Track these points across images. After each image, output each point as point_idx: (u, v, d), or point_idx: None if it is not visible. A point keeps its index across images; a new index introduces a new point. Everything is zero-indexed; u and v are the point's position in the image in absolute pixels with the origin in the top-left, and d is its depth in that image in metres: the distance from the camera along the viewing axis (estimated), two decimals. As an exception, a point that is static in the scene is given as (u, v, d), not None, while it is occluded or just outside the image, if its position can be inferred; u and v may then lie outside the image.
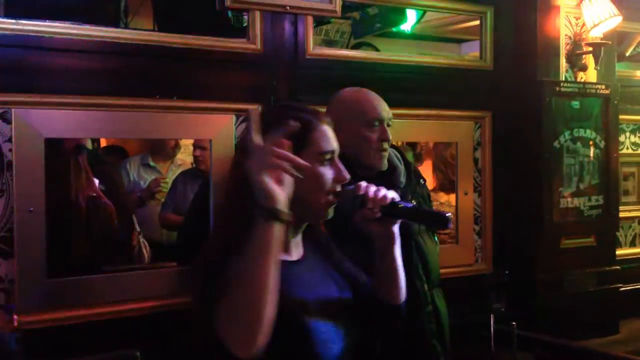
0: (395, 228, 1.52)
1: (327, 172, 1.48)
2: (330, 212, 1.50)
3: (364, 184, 1.50)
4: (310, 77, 2.67)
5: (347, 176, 1.50)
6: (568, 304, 3.14)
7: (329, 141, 1.50)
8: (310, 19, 2.67)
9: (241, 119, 2.54)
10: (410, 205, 1.51)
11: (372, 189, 1.49)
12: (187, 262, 2.59)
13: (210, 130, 2.49)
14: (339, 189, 1.49)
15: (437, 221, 1.51)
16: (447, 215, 1.45)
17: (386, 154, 2.20)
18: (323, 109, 2.31)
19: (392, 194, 1.50)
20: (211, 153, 2.51)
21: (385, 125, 2.19)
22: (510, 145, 3.17)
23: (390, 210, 1.49)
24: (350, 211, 1.50)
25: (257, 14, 2.56)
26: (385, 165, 2.20)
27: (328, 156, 1.49)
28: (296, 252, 1.54)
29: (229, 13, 2.95)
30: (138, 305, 2.32)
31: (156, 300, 2.35)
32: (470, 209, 3.14)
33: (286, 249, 1.50)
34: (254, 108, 2.51)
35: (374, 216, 1.48)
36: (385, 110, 2.21)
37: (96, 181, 2.80)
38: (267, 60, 2.58)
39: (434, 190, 3.50)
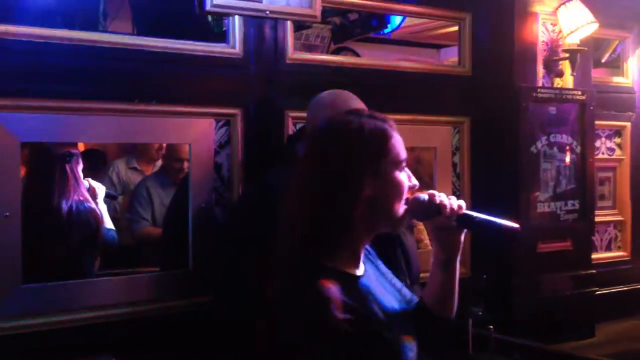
0: (462, 237, 1.52)
1: (405, 180, 1.47)
2: (406, 221, 1.50)
3: (437, 192, 1.49)
4: (291, 81, 2.67)
5: (416, 182, 1.50)
6: (544, 308, 3.16)
7: (404, 147, 1.48)
8: (290, 24, 2.68)
9: (221, 122, 2.54)
10: (483, 216, 1.50)
11: (448, 198, 1.48)
12: (167, 267, 2.58)
13: (190, 135, 2.48)
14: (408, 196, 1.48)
15: (508, 233, 1.51)
16: (517, 227, 1.47)
17: None
18: (304, 114, 2.33)
19: (462, 203, 1.49)
20: (190, 157, 2.50)
21: None
22: (488, 150, 3.19)
23: (465, 220, 1.49)
24: (423, 219, 1.52)
25: (237, 19, 2.56)
26: None
27: (404, 163, 1.47)
28: (360, 266, 1.51)
29: (209, 17, 2.95)
30: (115, 311, 2.30)
31: (135, 305, 2.34)
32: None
33: (353, 263, 1.48)
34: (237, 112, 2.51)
35: (450, 225, 1.48)
36: (360, 108, 2.24)
37: (86, 185, 2.79)
38: (247, 64, 2.58)
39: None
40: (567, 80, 3.24)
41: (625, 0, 3.60)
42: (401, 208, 1.46)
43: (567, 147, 3.25)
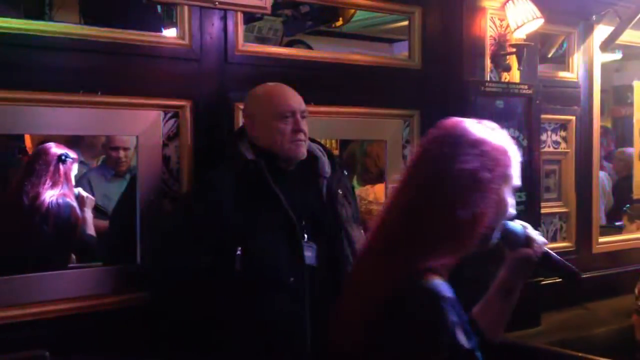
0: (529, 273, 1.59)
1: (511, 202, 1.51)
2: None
3: (528, 224, 1.59)
4: (240, 73, 2.65)
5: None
6: (492, 298, 3.22)
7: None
8: (240, 15, 2.65)
9: (169, 114, 2.51)
10: (559, 258, 1.63)
11: (540, 236, 1.58)
12: (114, 262, 2.54)
13: (137, 127, 2.44)
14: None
15: (572, 277, 1.67)
16: (579, 273, 1.65)
17: (303, 144, 2.26)
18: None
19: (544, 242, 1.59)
20: (138, 149, 2.46)
21: (299, 117, 2.24)
22: (438, 143, 3.23)
23: (546, 258, 1.59)
24: (510, 247, 1.57)
25: (186, 9, 2.52)
26: (303, 154, 2.27)
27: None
28: None
29: (159, 7, 2.91)
30: (59, 306, 2.25)
31: (80, 300, 2.30)
32: (399, 205, 3.19)
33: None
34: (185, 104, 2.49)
35: (533, 260, 1.56)
36: (297, 102, 2.29)
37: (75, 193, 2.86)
38: (196, 55, 2.55)
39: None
40: (515, 74, 3.30)
41: (571, -4, 3.69)
42: (496, 230, 1.49)
43: (514, 141, 3.29)
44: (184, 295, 2.12)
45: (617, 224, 4.57)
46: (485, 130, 1.51)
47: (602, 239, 3.90)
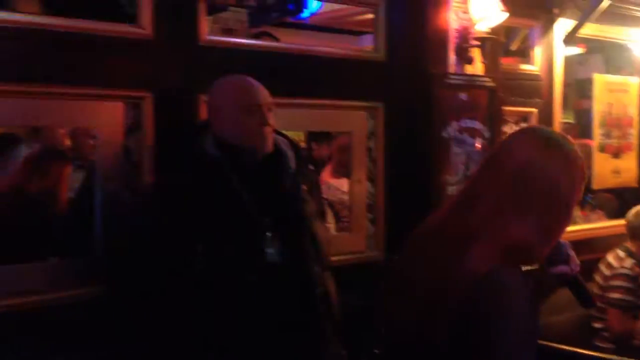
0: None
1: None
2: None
3: (568, 245, 1.66)
4: (204, 64, 2.63)
5: None
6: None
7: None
8: (203, 6, 2.63)
9: (131, 106, 2.48)
10: (585, 284, 1.71)
11: (576, 257, 1.65)
12: (69, 255, 2.50)
13: (98, 118, 2.41)
14: None
15: (586, 302, 1.74)
16: (595, 304, 1.71)
17: (269, 137, 2.25)
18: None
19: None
20: (98, 141, 2.43)
21: (266, 110, 2.22)
22: (402, 135, 3.25)
23: (575, 281, 1.67)
24: (549, 264, 1.63)
25: (148, -1, 2.50)
26: (269, 147, 2.25)
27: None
28: None
29: (121, -3, 2.87)
30: (10, 301, 2.22)
31: (33, 294, 2.26)
32: (363, 197, 3.21)
33: None
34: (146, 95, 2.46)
35: (568, 277, 1.63)
36: (264, 95, 2.26)
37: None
38: (158, 46, 2.52)
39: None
40: (478, 67, 3.34)
41: (533, -10, 3.73)
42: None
43: (477, 132, 3.35)
44: (146, 295, 2.11)
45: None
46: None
47: (569, 228, 3.96)
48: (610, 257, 3.85)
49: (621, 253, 3.82)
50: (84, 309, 2.32)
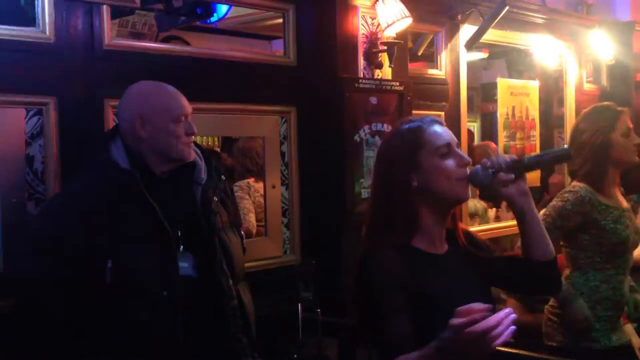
0: (526, 185, 1.73)
1: (448, 163, 1.70)
2: (468, 192, 1.73)
3: (486, 160, 1.72)
4: (109, 69, 2.57)
5: (469, 159, 1.72)
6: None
7: (443, 135, 1.73)
8: (107, 9, 2.57)
9: (32, 112, 2.38)
10: (531, 156, 1.77)
11: (495, 159, 1.71)
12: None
13: (-4, 125, 2.31)
14: (466, 172, 1.71)
15: (561, 157, 1.86)
16: (565, 147, 1.81)
17: (192, 146, 2.21)
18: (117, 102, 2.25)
19: (510, 155, 1.74)
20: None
21: (190, 119, 2.20)
22: (314, 138, 3.28)
23: (518, 167, 1.70)
24: (487, 184, 1.71)
25: (47, 2, 2.41)
26: (192, 155, 2.22)
27: (447, 148, 1.70)
28: (441, 247, 1.76)
29: (22, 0, 2.75)
30: None
31: None
32: (278, 201, 3.21)
33: (433, 244, 1.74)
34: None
35: (510, 178, 1.69)
36: (187, 104, 2.24)
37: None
38: (59, 50, 2.44)
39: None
40: (387, 71, 3.40)
41: (438, -4, 3.85)
42: (456, 187, 1.69)
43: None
44: (48, 308, 2.02)
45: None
46: (396, 128, 1.85)
47: (474, 228, 4.09)
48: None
49: None
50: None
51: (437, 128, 1.74)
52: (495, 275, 1.82)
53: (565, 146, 1.87)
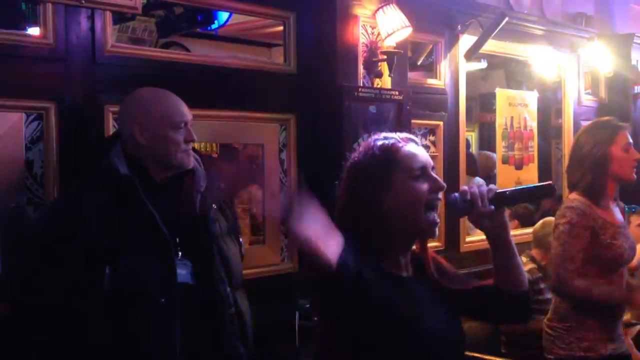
0: (506, 217, 1.64)
1: (421, 188, 1.59)
2: (436, 231, 1.61)
3: (466, 188, 1.62)
4: (110, 74, 2.58)
5: (444, 185, 1.62)
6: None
7: (420, 157, 1.61)
8: (109, 15, 2.58)
9: (32, 116, 2.39)
10: (514, 189, 1.67)
11: (475, 189, 1.61)
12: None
13: (-4, 129, 2.31)
14: (439, 197, 1.61)
15: (544, 193, 1.70)
16: (549, 183, 1.68)
17: (191, 153, 2.21)
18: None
19: (492, 186, 1.64)
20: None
21: (190, 126, 2.20)
22: (314, 146, 3.28)
23: (499, 201, 1.61)
24: (463, 215, 1.66)
25: (50, 7, 2.42)
26: (192, 162, 2.21)
27: (421, 171, 1.60)
28: (406, 269, 1.66)
29: (23, 5, 2.76)
30: None
31: None
32: (277, 209, 3.21)
33: (399, 266, 1.64)
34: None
35: (490, 210, 1.60)
36: (188, 111, 2.23)
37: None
38: (61, 55, 2.45)
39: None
40: (386, 81, 3.41)
41: (438, 7, 3.86)
42: (426, 214, 1.59)
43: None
44: (47, 315, 2.02)
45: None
46: (369, 144, 1.69)
47: (469, 238, 4.11)
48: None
49: (524, 259, 3.98)
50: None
51: (413, 148, 1.62)
52: (464, 306, 1.72)
53: (549, 182, 1.77)
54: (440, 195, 1.62)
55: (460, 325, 1.72)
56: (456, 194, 1.64)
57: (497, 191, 1.63)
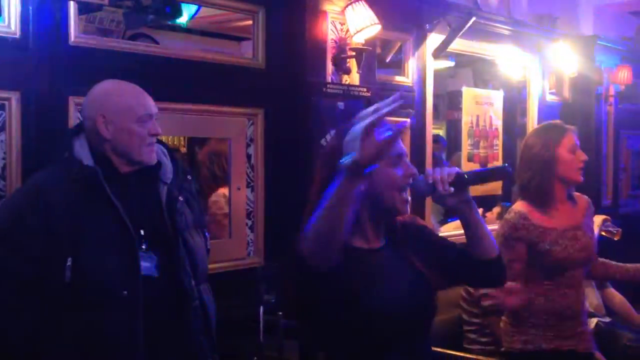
0: (469, 195, 1.80)
1: (395, 173, 1.76)
2: (407, 208, 1.80)
3: (430, 170, 1.77)
4: (75, 65, 2.54)
5: (414, 170, 1.79)
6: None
7: (396, 145, 1.75)
8: (73, 5, 2.54)
9: None
10: (472, 171, 1.86)
11: (437, 172, 1.75)
12: None
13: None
14: (410, 181, 1.78)
15: (500, 175, 2.00)
16: (505, 166, 1.91)
17: (154, 148, 2.19)
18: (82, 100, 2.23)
19: (454, 169, 1.77)
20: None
21: (155, 119, 2.18)
22: (282, 141, 3.29)
23: (459, 182, 1.76)
24: (427, 196, 1.86)
25: (13, -5, 2.38)
26: (155, 159, 2.19)
27: (395, 159, 1.76)
28: (377, 241, 1.84)
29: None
30: None
31: None
32: (243, 203, 3.21)
33: (367, 238, 1.83)
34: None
35: (449, 192, 1.75)
36: (153, 104, 2.21)
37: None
38: (24, 45, 2.41)
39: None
40: (354, 77, 3.43)
41: (407, 5, 3.89)
42: (400, 194, 1.77)
43: (354, 140, 3.42)
44: (6, 306, 1.99)
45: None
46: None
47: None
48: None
49: None
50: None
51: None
52: (444, 264, 1.91)
53: (505, 164, 1.96)
54: (411, 179, 1.79)
55: (429, 293, 1.87)
56: (421, 176, 1.80)
57: (457, 174, 1.77)
